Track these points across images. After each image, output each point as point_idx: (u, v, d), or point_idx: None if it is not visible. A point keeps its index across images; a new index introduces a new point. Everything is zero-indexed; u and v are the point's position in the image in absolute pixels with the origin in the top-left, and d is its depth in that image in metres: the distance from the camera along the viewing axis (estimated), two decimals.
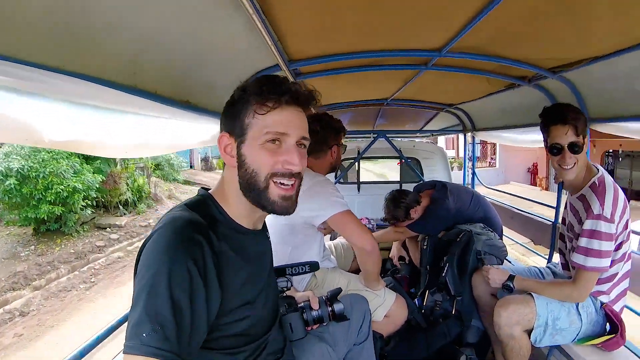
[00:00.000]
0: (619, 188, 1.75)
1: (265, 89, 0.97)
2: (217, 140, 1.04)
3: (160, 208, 12.88)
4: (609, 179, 1.76)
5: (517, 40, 1.83)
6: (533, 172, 19.05)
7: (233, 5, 1.21)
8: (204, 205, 1.02)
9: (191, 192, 13.98)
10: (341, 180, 4.39)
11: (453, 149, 21.38)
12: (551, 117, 1.80)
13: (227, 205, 1.04)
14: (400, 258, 3.28)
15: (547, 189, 16.83)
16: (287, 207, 1.02)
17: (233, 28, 1.42)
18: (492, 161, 20.54)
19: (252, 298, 1.03)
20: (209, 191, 1.09)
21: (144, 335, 0.75)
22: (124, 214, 11.63)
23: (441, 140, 19.07)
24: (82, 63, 0.94)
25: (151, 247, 0.87)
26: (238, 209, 1.04)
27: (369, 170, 19.17)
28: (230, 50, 1.64)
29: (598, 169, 1.82)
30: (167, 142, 1.36)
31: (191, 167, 21.32)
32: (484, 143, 18.68)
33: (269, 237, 1.25)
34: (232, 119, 1.00)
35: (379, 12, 1.53)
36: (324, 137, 2.10)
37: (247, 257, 1.04)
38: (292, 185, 1.01)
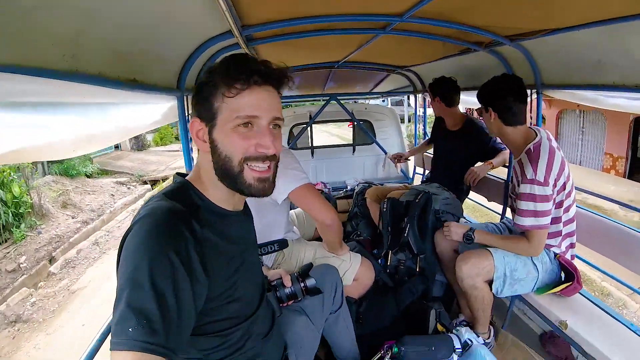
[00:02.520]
0: (556, 151, 1.86)
1: (232, 70, 0.92)
2: (189, 126, 1.01)
3: (47, 227, 8.30)
4: (545, 143, 1.87)
5: (480, 8, 1.81)
6: None
7: None
8: (183, 192, 0.98)
9: (100, 191, 11.05)
10: (295, 146, 4.31)
11: None
12: None
13: (205, 189, 1.01)
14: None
15: None
16: (264, 189, 1.00)
17: None
18: None
19: (238, 279, 1.02)
20: (186, 177, 1.04)
21: (129, 330, 0.73)
22: None
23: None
24: (12, 52, 0.77)
25: (131, 241, 0.83)
26: (217, 193, 1.01)
27: (325, 131, 19.29)
28: (179, 19, 1.47)
29: (537, 134, 1.93)
30: (118, 129, 1.21)
31: (117, 147, 17.16)
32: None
33: (250, 215, 1.23)
34: (201, 103, 0.96)
35: None
36: None
37: (230, 240, 1.02)
38: (267, 167, 0.99)
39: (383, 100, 19.77)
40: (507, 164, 2.93)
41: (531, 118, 2.00)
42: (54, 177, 11.11)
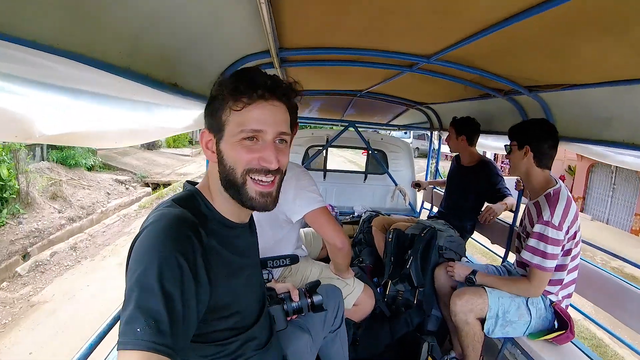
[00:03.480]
0: (573, 201, 1.94)
1: (239, 84, 0.95)
2: (200, 136, 1.04)
3: (29, 218, 7.80)
4: (564, 192, 1.95)
5: (503, 59, 1.90)
6: None
7: None
8: (192, 201, 1.01)
9: (96, 187, 10.33)
10: (309, 166, 4.39)
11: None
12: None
13: (213, 200, 1.04)
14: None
15: (582, 210, 14.27)
16: (265, 203, 1.01)
17: (234, 11, 1.36)
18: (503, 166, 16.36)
19: (240, 293, 1.04)
20: (197, 186, 1.07)
21: (138, 330, 0.75)
22: None
23: None
24: (79, 42, 0.85)
25: (141, 244, 0.86)
26: (224, 204, 1.04)
27: (341, 156, 19.36)
28: (223, 33, 1.56)
29: (557, 182, 2.02)
30: (155, 129, 1.28)
31: None
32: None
33: (255, 231, 1.25)
34: (211, 115, 0.99)
35: (382, 13, 1.51)
36: None
37: (235, 252, 1.04)
38: (271, 182, 1.00)
39: (405, 133, 20.02)
40: (514, 210, 2.97)
41: (541, 165, 2.06)
42: (49, 164, 10.43)
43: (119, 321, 0.78)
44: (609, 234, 11.27)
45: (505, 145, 2.19)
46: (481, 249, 4.40)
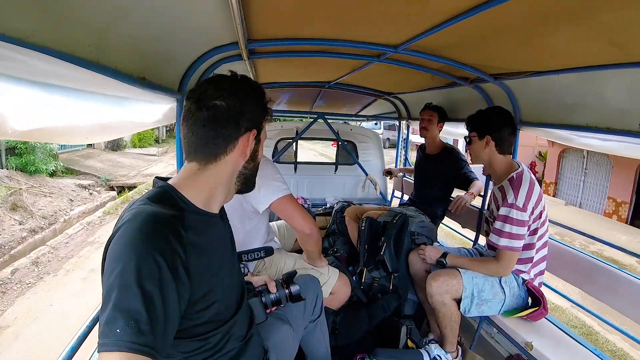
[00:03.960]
0: (536, 183, 2.03)
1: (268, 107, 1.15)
2: (251, 135, 1.10)
3: None
4: (527, 174, 2.05)
5: (470, 48, 1.96)
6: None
7: None
8: (167, 196, 1.00)
9: (58, 194, 9.58)
10: (279, 160, 4.38)
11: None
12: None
13: (188, 193, 1.03)
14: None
15: (554, 195, 14.58)
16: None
17: (204, 3, 1.33)
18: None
19: (218, 282, 1.04)
20: (169, 181, 1.06)
21: (117, 331, 0.74)
22: None
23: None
24: (45, 34, 0.81)
25: (117, 243, 0.85)
26: (202, 195, 1.04)
27: (312, 149, 19.27)
28: (192, 26, 1.53)
29: (519, 166, 2.11)
30: (125, 123, 1.25)
31: (89, 144, 15.66)
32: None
33: (227, 220, 1.26)
34: (258, 120, 1.12)
35: (351, 4, 1.53)
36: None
37: (212, 243, 1.05)
38: None
39: (376, 124, 20.20)
40: (482, 194, 3.09)
41: (501, 151, 2.15)
42: (8, 172, 9.59)
43: (99, 322, 0.77)
44: (584, 218, 11.54)
45: (465, 137, 2.27)
46: (453, 234, 4.52)
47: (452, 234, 4.92)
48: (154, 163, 15.74)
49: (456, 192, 3.24)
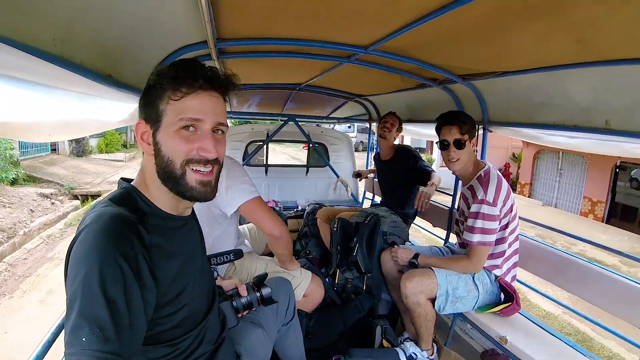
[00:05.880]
0: (503, 179, 2.10)
1: (179, 74, 0.95)
2: (134, 128, 1.01)
3: None
4: (494, 172, 2.12)
5: (438, 49, 2.01)
6: (504, 174, 15.41)
7: None
8: (129, 198, 0.98)
9: (18, 204, 9.02)
10: (249, 163, 4.34)
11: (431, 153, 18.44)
12: (443, 119, 2.17)
13: (151, 194, 1.01)
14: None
15: (529, 196, 14.86)
16: (206, 192, 1.01)
17: (172, 0, 1.31)
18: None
19: (187, 286, 1.03)
20: (132, 182, 1.04)
21: (83, 339, 0.73)
22: None
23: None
24: (9, 25, 0.78)
25: (79, 248, 0.83)
26: (162, 198, 1.02)
27: (284, 153, 19.09)
28: (160, 23, 1.50)
29: (485, 164, 2.17)
30: (90, 121, 1.21)
31: (54, 150, 15.23)
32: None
33: (197, 223, 1.23)
34: (148, 105, 0.97)
35: (322, 3, 1.54)
36: None
37: (179, 246, 1.03)
38: (210, 171, 1.00)
39: (349, 127, 20.35)
40: (453, 193, 3.18)
41: (475, 151, 2.22)
42: None
43: (64, 330, 0.76)
44: (565, 220, 11.55)
45: (457, 141, 2.12)
46: (425, 233, 4.58)
47: (424, 233, 4.96)
48: (121, 169, 15.22)
49: None
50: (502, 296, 2.19)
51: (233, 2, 1.49)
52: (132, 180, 1.06)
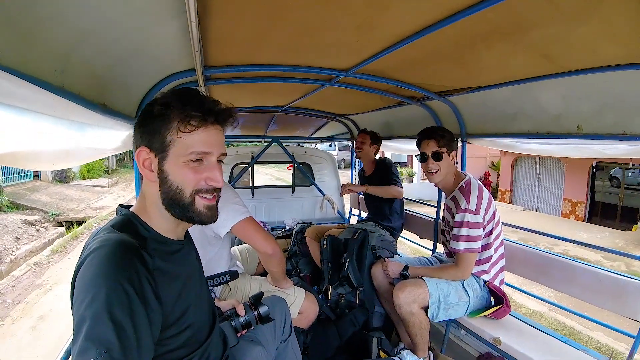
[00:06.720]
0: (484, 188, 2.21)
1: (189, 107, 0.98)
2: (136, 154, 1.02)
3: None
4: (474, 182, 2.22)
5: (414, 69, 2.13)
6: (484, 183, 16.03)
7: (175, 10, 1.19)
8: (130, 224, 1.01)
9: (3, 232, 8.97)
10: (235, 185, 4.37)
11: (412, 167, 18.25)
12: (422, 134, 2.31)
13: (150, 220, 1.04)
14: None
15: (510, 202, 15.20)
16: (211, 215, 1.06)
17: (162, 29, 1.38)
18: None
19: (189, 306, 1.05)
20: (131, 209, 1.08)
21: None
22: None
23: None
24: (12, 55, 0.82)
25: (85, 273, 0.85)
26: (162, 223, 1.05)
27: (267, 174, 18.99)
28: (151, 51, 1.57)
29: (466, 175, 2.27)
30: (87, 150, 1.25)
31: (36, 176, 15.16)
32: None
33: (193, 245, 1.26)
34: (152, 133, 0.99)
35: (304, 32, 1.64)
36: None
37: (179, 268, 1.06)
38: (214, 196, 1.06)
39: (330, 145, 20.50)
40: (437, 205, 3.27)
41: (455, 163, 2.32)
42: None
43: (71, 354, 0.77)
44: (546, 222, 11.91)
45: (435, 154, 2.22)
46: (413, 245, 4.65)
47: (411, 245, 5.03)
48: (104, 195, 14.90)
49: (408, 205, 3.38)
50: (492, 300, 2.26)
51: (220, 32, 1.57)
52: (130, 206, 1.09)
